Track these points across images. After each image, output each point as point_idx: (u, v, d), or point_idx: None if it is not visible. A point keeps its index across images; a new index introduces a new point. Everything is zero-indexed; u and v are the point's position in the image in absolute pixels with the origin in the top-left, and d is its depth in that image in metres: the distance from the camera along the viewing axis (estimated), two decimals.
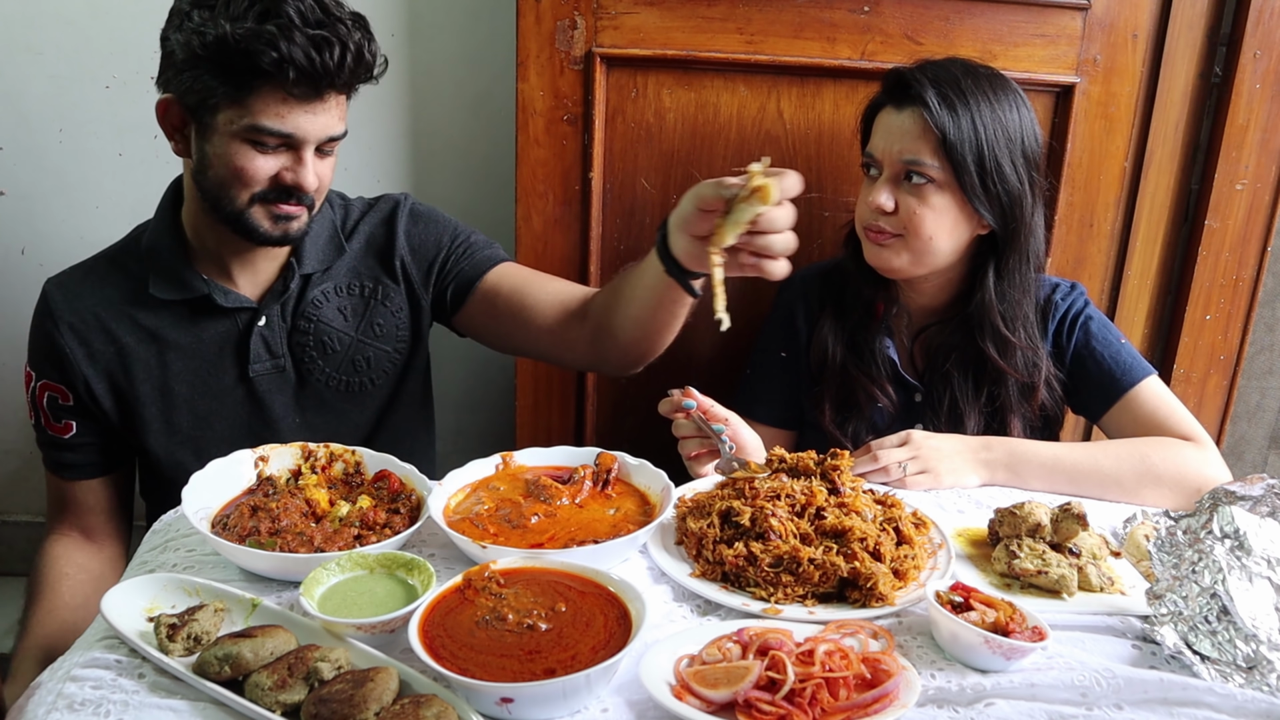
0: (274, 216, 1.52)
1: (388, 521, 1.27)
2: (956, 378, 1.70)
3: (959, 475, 1.53)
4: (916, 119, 1.58)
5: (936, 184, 1.58)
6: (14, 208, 2.25)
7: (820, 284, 1.82)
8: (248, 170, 1.47)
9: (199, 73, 1.44)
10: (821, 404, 1.75)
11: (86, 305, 1.61)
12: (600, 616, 1.06)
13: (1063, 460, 1.54)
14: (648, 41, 1.92)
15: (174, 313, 1.62)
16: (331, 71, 1.41)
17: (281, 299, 1.65)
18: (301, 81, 1.41)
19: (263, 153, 1.47)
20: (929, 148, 1.57)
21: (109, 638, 1.06)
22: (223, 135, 1.46)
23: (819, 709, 0.97)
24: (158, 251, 1.62)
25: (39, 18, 2.12)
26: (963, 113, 1.56)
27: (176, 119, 1.53)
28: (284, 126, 1.44)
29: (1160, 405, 1.64)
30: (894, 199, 1.60)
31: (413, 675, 0.99)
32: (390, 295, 1.72)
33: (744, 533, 1.26)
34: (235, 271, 1.63)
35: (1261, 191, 2.09)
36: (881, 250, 1.64)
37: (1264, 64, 2.00)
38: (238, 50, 1.38)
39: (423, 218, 1.76)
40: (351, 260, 1.71)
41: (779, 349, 1.83)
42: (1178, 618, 1.12)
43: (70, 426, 1.63)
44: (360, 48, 1.45)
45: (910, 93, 1.59)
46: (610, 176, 2.02)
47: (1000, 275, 1.65)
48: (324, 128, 1.48)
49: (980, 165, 1.57)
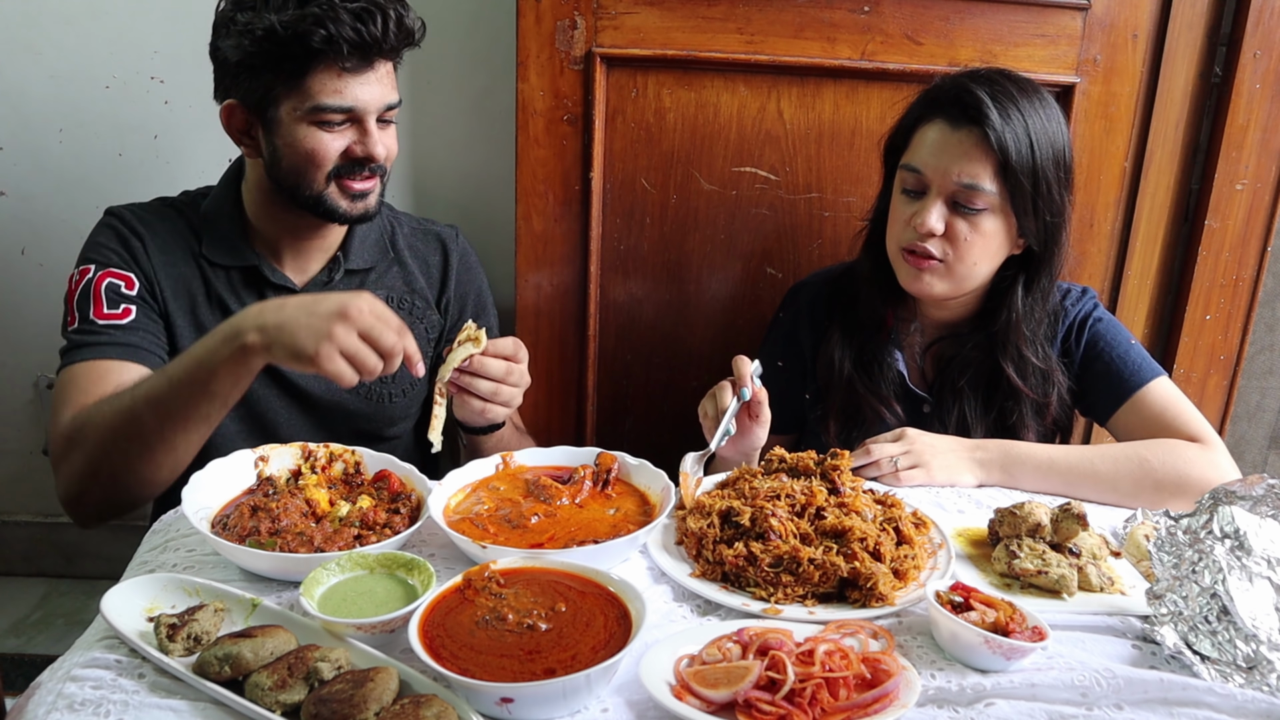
0: (350, 195, 1.58)
1: (388, 521, 1.27)
2: (968, 394, 1.66)
3: (952, 472, 1.52)
4: (976, 139, 1.49)
5: (990, 208, 1.52)
6: (14, 208, 2.25)
7: (828, 293, 1.78)
8: (318, 151, 1.53)
9: (255, 70, 1.49)
10: (826, 418, 1.72)
11: (154, 228, 1.63)
12: (600, 616, 1.06)
13: (1058, 463, 1.53)
14: (648, 41, 1.92)
15: (219, 277, 1.64)
16: (379, 39, 1.48)
17: (324, 289, 1.69)
18: (353, 53, 1.47)
19: (329, 131, 1.53)
20: (989, 171, 1.50)
21: (109, 638, 1.06)
22: (288, 125, 1.52)
23: (819, 709, 0.97)
24: (216, 219, 1.66)
25: (39, 18, 2.12)
26: (1023, 135, 1.49)
27: (241, 122, 1.57)
28: (344, 101, 1.51)
29: (1169, 406, 1.60)
30: (944, 222, 1.53)
31: (413, 675, 0.99)
32: (432, 324, 1.79)
33: (744, 533, 1.26)
34: (286, 257, 1.68)
35: (1261, 191, 2.09)
36: (921, 275, 1.57)
37: (1264, 64, 2.00)
38: (288, 38, 1.44)
39: (471, 269, 1.85)
40: (407, 276, 1.77)
41: (777, 358, 1.79)
42: (1178, 618, 1.12)
43: (129, 311, 1.54)
44: (400, 14, 1.51)
45: (969, 110, 1.50)
46: (610, 176, 2.02)
47: (1029, 292, 1.61)
48: (381, 96, 1.54)
49: (1035, 188, 1.51)
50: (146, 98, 2.16)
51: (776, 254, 2.08)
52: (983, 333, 1.65)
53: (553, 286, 2.07)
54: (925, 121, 1.57)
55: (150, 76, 2.16)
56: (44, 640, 2.39)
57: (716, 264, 2.08)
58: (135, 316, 1.54)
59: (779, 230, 2.07)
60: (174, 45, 2.12)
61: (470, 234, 1.91)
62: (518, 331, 2.09)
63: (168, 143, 2.19)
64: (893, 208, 1.63)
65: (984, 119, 1.48)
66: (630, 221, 2.05)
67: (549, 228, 2.03)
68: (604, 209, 2.03)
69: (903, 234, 1.58)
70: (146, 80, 2.16)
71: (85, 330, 1.51)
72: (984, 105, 1.49)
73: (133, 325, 1.53)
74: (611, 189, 2.03)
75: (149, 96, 2.16)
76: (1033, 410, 1.65)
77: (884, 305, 1.70)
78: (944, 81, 1.58)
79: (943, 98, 1.56)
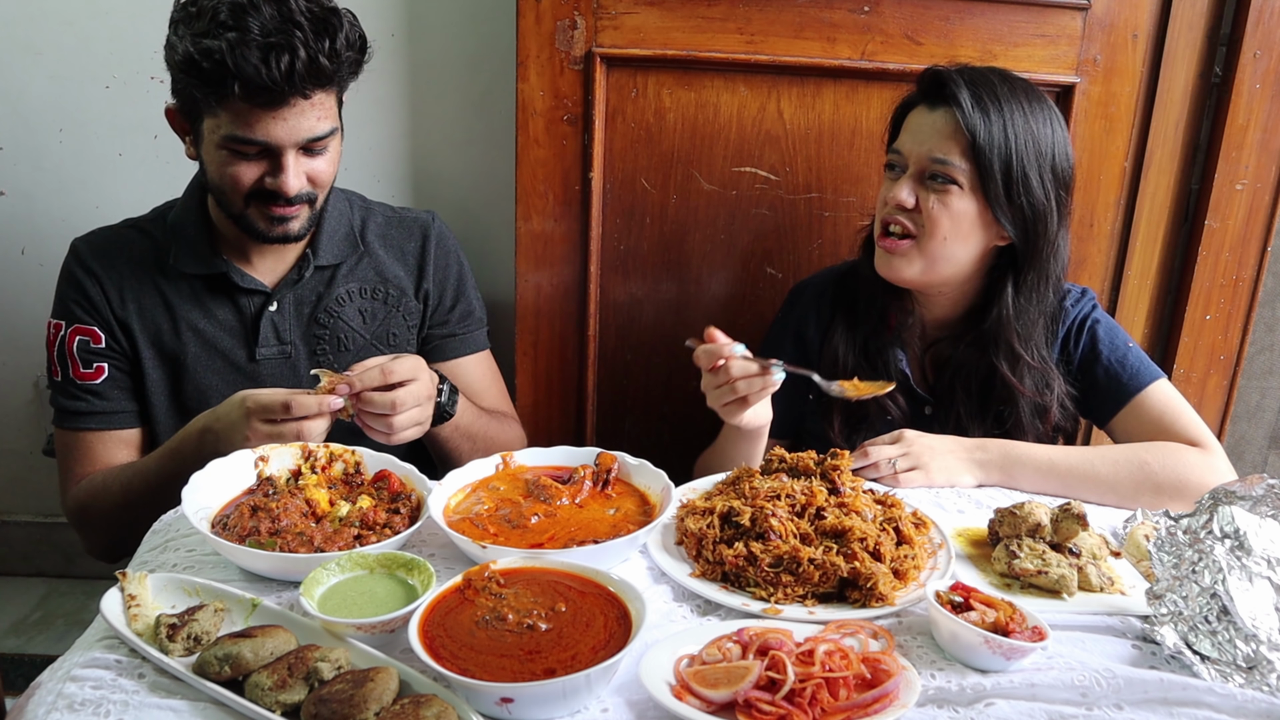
0: (269, 218, 1.58)
1: (388, 521, 1.27)
2: (962, 394, 1.67)
3: (951, 474, 1.52)
4: (948, 118, 1.55)
5: (960, 186, 1.56)
6: (14, 208, 2.25)
7: (833, 290, 1.79)
8: (231, 177, 1.53)
9: (183, 85, 1.50)
10: (830, 415, 1.72)
11: (113, 261, 1.66)
12: (600, 616, 1.06)
13: (1057, 464, 1.53)
14: (648, 41, 1.92)
15: (192, 287, 1.67)
16: (279, 81, 1.43)
17: (295, 287, 1.70)
18: (255, 93, 1.44)
19: (244, 160, 1.52)
20: (958, 148, 1.55)
21: (109, 638, 1.06)
22: (209, 143, 1.53)
23: (819, 709, 0.97)
24: (183, 228, 1.67)
25: (39, 18, 2.12)
26: (995, 118, 1.54)
27: (181, 125, 1.59)
28: (254, 135, 1.48)
29: (1168, 409, 1.61)
30: (914, 195, 1.58)
31: (413, 675, 0.99)
32: (410, 311, 1.79)
33: (744, 533, 1.26)
34: (255, 258, 1.69)
35: (1261, 191, 2.09)
36: (893, 259, 1.61)
37: (1264, 64, 2.00)
38: (198, 66, 1.43)
39: (448, 253, 1.84)
40: (378, 265, 1.77)
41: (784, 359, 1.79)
42: (1178, 618, 1.12)
43: (101, 370, 1.65)
44: (315, 53, 1.45)
45: (944, 92, 1.56)
46: (610, 176, 2.02)
47: (1018, 290, 1.62)
48: (297, 131, 1.50)
49: (1007, 173, 1.54)
50: (146, 98, 2.16)
51: (776, 254, 2.08)
52: (975, 331, 1.66)
53: (553, 286, 2.07)
54: (910, 107, 1.64)
55: (150, 76, 2.16)
56: (44, 640, 2.39)
57: (716, 264, 2.08)
58: (107, 375, 1.65)
59: (779, 230, 2.07)
60: None
61: (470, 234, 1.91)
62: (518, 331, 2.09)
63: (168, 143, 2.19)
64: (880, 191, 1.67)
65: (955, 99, 1.54)
66: (630, 221, 2.05)
67: (549, 228, 2.03)
68: (604, 209, 2.03)
69: (880, 211, 1.64)
70: (146, 80, 2.16)
71: (68, 391, 1.66)
72: (958, 86, 1.55)
73: (105, 387, 1.65)
74: (611, 189, 2.03)
75: (149, 96, 2.16)
76: (1032, 412, 1.65)
77: (884, 301, 1.71)
78: (931, 69, 1.63)
79: (925, 84, 1.62)
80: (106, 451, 1.66)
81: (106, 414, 1.66)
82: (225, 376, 1.68)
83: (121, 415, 1.67)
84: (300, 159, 1.53)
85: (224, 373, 1.68)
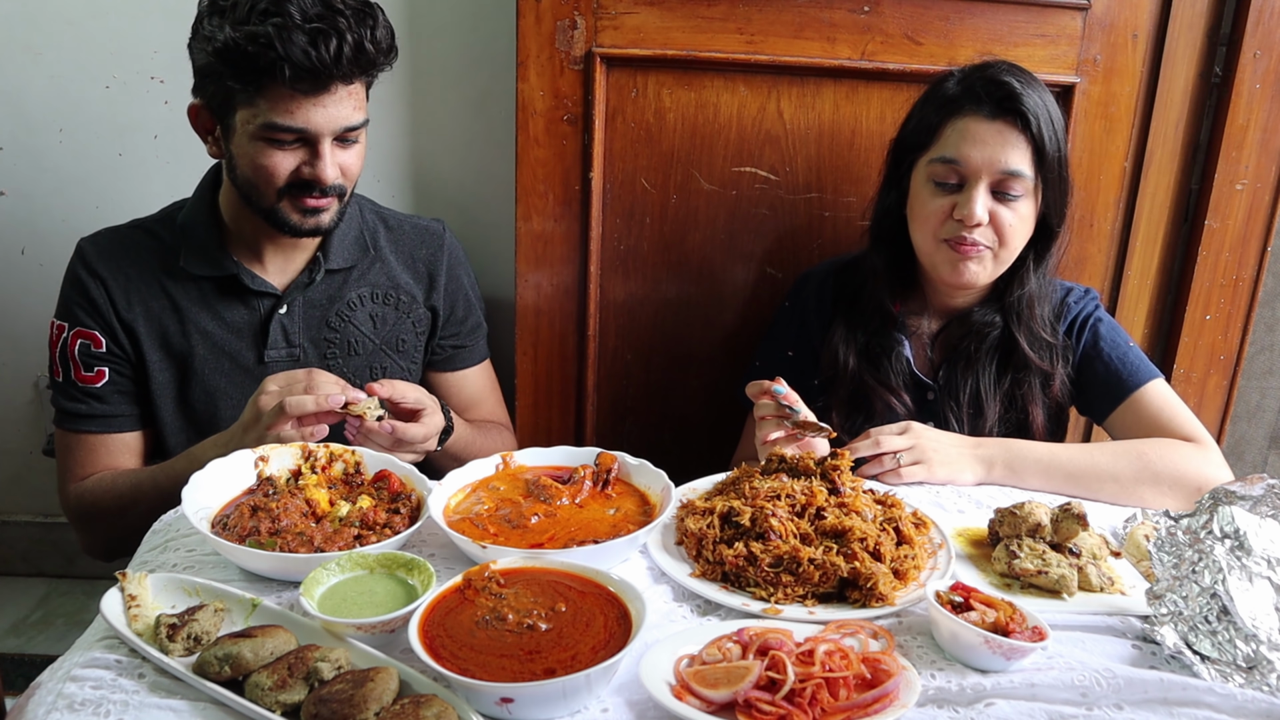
0: (302, 210, 1.58)
1: (388, 521, 1.27)
2: (982, 366, 1.69)
3: (953, 469, 1.53)
4: (1013, 128, 1.55)
5: (1026, 193, 1.58)
6: (14, 208, 2.25)
7: (835, 282, 1.80)
8: (268, 168, 1.52)
9: (216, 77, 1.49)
10: (831, 408, 1.73)
11: (119, 263, 1.65)
12: (600, 616, 1.06)
13: (1059, 459, 1.55)
14: (648, 41, 1.92)
15: (201, 289, 1.66)
16: (329, 64, 1.45)
17: (306, 290, 1.70)
18: (303, 77, 1.45)
19: (280, 149, 1.52)
20: (1028, 158, 1.56)
21: (109, 638, 1.06)
22: (243, 135, 1.52)
23: (819, 709, 0.97)
24: (193, 229, 1.66)
25: (39, 18, 2.12)
26: (1046, 120, 1.56)
27: (206, 123, 1.58)
28: (295, 122, 1.49)
29: (1165, 407, 1.64)
30: (988, 211, 1.57)
31: (413, 675, 0.99)
32: (420, 319, 1.80)
33: (744, 533, 1.26)
34: (267, 258, 1.68)
35: (1261, 191, 2.09)
36: (968, 264, 1.60)
37: (1264, 64, 2.00)
38: (241, 52, 1.43)
39: (459, 266, 1.86)
40: (389, 271, 1.78)
41: (787, 348, 1.82)
42: (1178, 618, 1.12)
43: (102, 374, 1.65)
44: (360, 39, 1.47)
45: (1004, 101, 1.55)
46: (610, 176, 2.02)
47: (1038, 267, 1.66)
48: (336, 119, 1.51)
49: (1061, 171, 1.58)
50: (146, 98, 2.16)
51: (776, 254, 2.08)
52: (996, 305, 1.69)
53: (553, 286, 2.07)
54: (956, 115, 1.60)
55: (150, 76, 2.16)
56: (44, 640, 2.39)
57: (716, 264, 2.08)
58: (108, 379, 1.65)
59: (779, 230, 2.07)
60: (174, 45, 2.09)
61: (470, 234, 1.91)
62: (518, 331, 2.09)
63: (168, 143, 2.19)
64: (920, 203, 1.64)
65: (1021, 107, 1.54)
66: (630, 221, 2.05)
67: (549, 227, 2.03)
68: (604, 209, 2.03)
69: (942, 228, 1.61)
70: (146, 80, 2.16)
71: (69, 392, 1.66)
72: (1019, 95, 1.55)
73: (106, 391, 1.65)
74: (611, 189, 2.03)
75: (149, 96, 2.16)
76: (1041, 381, 1.69)
77: (893, 298, 1.72)
78: (967, 74, 1.62)
79: (973, 90, 1.59)
80: (107, 454, 1.67)
81: (106, 417, 1.66)
82: (233, 379, 1.68)
83: (122, 419, 1.67)
84: (335, 150, 1.55)
85: (232, 375, 1.68)
